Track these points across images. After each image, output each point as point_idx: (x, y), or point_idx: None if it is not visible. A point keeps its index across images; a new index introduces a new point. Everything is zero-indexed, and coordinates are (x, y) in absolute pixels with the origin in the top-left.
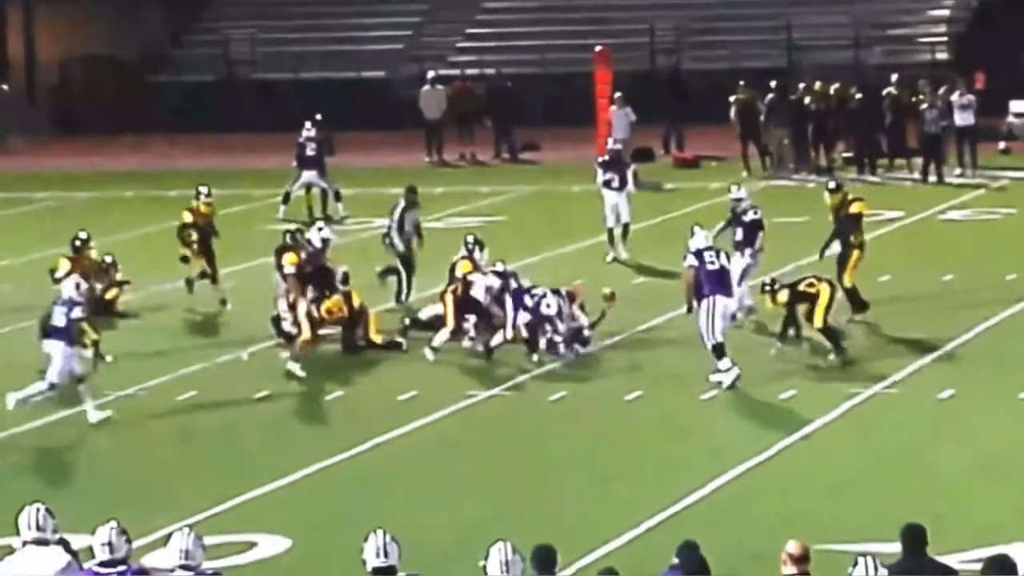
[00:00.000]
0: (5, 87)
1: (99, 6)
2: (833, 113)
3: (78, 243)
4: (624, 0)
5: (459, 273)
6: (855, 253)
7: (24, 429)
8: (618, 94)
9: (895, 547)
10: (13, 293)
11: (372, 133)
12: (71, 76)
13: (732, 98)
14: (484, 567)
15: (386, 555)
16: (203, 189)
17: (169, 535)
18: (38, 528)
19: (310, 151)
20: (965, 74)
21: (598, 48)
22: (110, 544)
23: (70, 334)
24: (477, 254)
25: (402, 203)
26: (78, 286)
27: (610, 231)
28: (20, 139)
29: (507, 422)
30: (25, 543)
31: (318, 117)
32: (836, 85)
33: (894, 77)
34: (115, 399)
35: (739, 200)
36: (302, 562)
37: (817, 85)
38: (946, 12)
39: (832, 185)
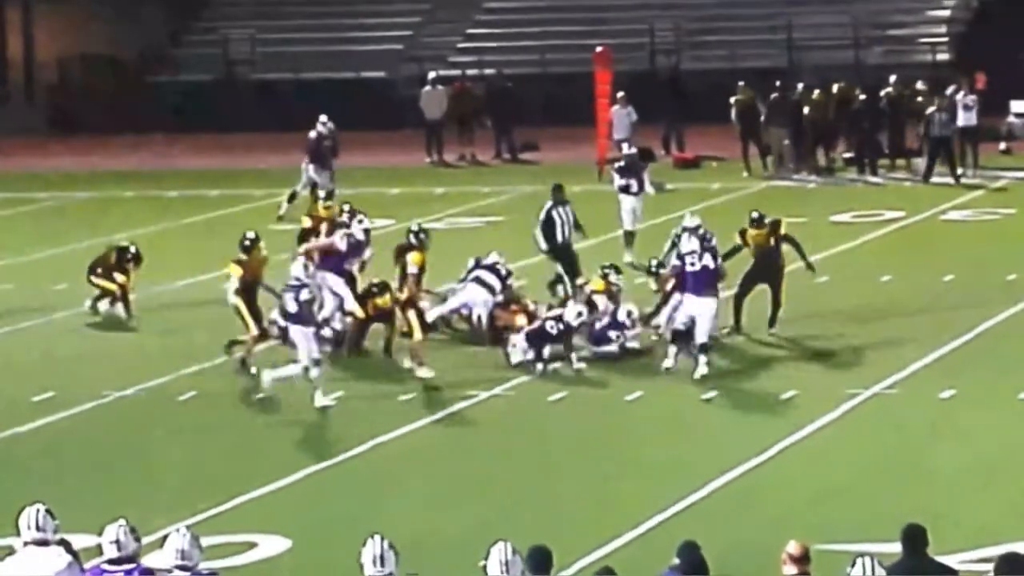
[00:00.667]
0: None
1: (98, 5)
2: (834, 113)
3: (247, 243)
4: (624, 0)
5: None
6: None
7: (24, 429)
8: (620, 94)
9: (895, 547)
10: (13, 293)
11: (372, 133)
12: (70, 76)
13: (732, 99)
14: (484, 567)
15: (383, 563)
16: (321, 193)
17: (168, 535)
18: (38, 528)
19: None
20: (965, 74)
21: (598, 49)
22: (118, 542)
23: (303, 316)
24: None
25: (549, 202)
26: (306, 267)
27: (627, 234)
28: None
29: (507, 422)
30: (26, 544)
31: (323, 118)
32: (841, 84)
33: (892, 78)
34: (115, 399)
35: (695, 228)
36: (302, 563)
37: (815, 94)
38: (946, 12)
39: (755, 215)
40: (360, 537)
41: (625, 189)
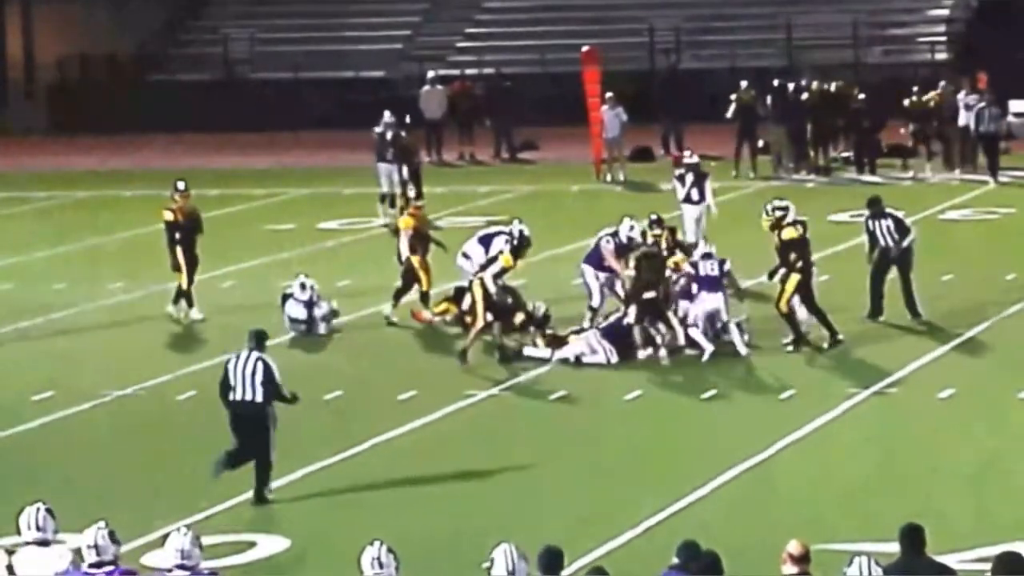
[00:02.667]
0: None
1: (98, 5)
2: (833, 110)
3: (516, 242)
4: (623, 0)
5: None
6: (793, 277)
7: (24, 429)
8: (609, 94)
9: (894, 547)
10: (13, 292)
11: (371, 133)
12: (70, 75)
13: (733, 96)
14: (488, 569)
15: (381, 566)
16: (411, 193)
17: (168, 535)
18: (38, 528)
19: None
20: (967, 74)
21: (585, 48)
22: (96, 546)
23: (721, 284)
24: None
25: (866, 212)
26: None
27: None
28: None
29: (506, 422)
30: (26, 543)
31: (386, 114)
32: (840, 83)
33: (915, 88)
34: (114, 398)
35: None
36: (301, 562)
37: (815, 93)
38: (946, 12)
39: (770, 207)
40: (359, 536)
41: (687, 199)
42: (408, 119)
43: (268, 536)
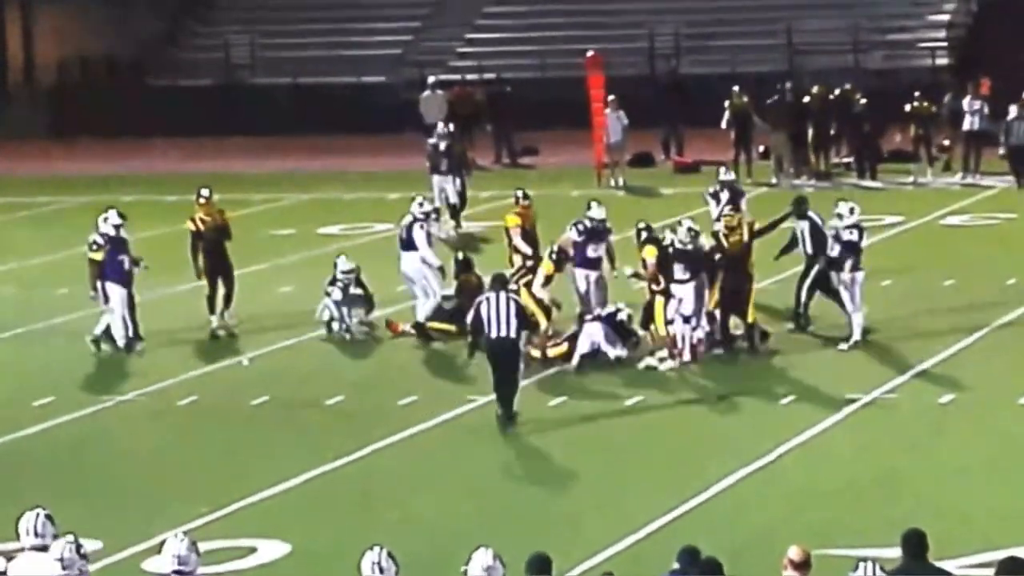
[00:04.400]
0: None
1: (98, 8)
2: (834, 114)
3: (554, 256)
4: (624, 4)
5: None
6: (715, 287)
7: (24, 434)
8: (611, 97)
9: (896, 552)
10: (14, 297)
11: (372, 138)
12: (70, 79)
13: (726, 103)
14: (465, 571)
15: (381, 571)
16: (519, 192)
17: (165, 540)
18: (37, 534)
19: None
20: (971, 79)
21: (589, 53)
22: (62, 559)
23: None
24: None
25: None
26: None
27: None
28: None
29: None
30: (25, 549)
31: (439, 125)
32: (845, 86)
33: (916, 94)
34: (115, 404)
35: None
36: (302, 567)
37: (816, 97)
38: (947, 16)
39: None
40: (360, 542)
41: (720, 219)
42: (452, 127)
43: (269, 541)
